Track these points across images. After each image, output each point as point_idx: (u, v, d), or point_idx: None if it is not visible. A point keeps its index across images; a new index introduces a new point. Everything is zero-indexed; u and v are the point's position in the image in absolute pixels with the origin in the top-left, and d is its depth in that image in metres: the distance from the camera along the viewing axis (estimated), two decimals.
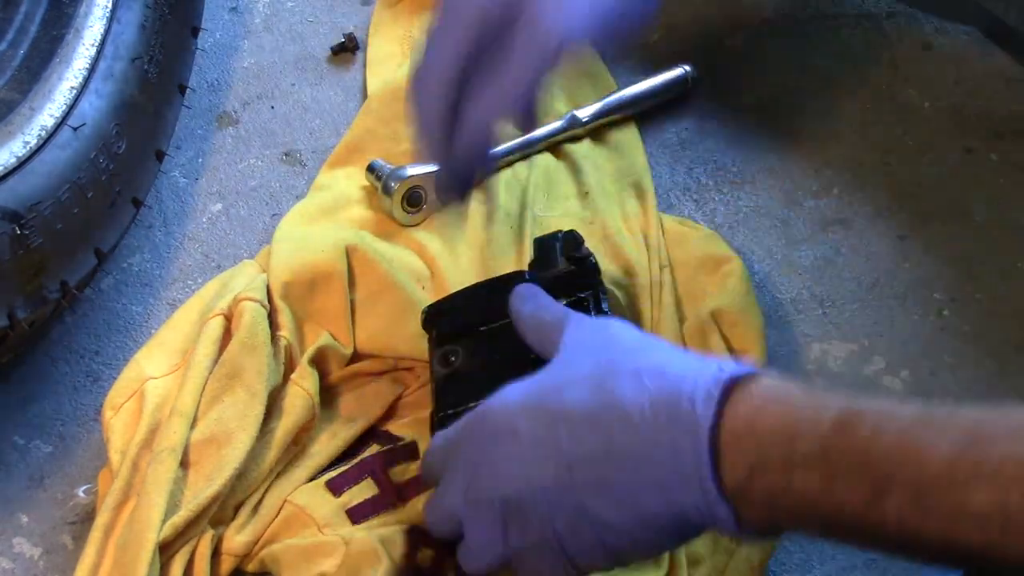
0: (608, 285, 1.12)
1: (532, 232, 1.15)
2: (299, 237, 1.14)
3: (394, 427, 1.06)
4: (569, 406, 0.86)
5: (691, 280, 1.14)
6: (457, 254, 1.15)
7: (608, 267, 1.14)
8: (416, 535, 0.98)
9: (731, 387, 0.82)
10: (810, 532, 0.85)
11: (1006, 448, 0.74)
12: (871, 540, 0.80)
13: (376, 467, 1.03)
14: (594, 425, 0.85)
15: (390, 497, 1.01)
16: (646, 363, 0.86)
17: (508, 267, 1.12)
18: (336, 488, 1.02)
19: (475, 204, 1.18)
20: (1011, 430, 0.75)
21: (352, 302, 1.10)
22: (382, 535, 0.98)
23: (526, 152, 1.22)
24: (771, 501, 0.81)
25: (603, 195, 1.19)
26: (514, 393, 0.88)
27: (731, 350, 1.08)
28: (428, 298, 1.09)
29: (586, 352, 0.89)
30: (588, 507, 0.85)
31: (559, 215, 1.18)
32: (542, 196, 1.19)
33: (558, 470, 0.85)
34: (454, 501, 0.90)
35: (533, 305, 0.98)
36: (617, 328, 0.92)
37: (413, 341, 1.07)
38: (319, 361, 1.07)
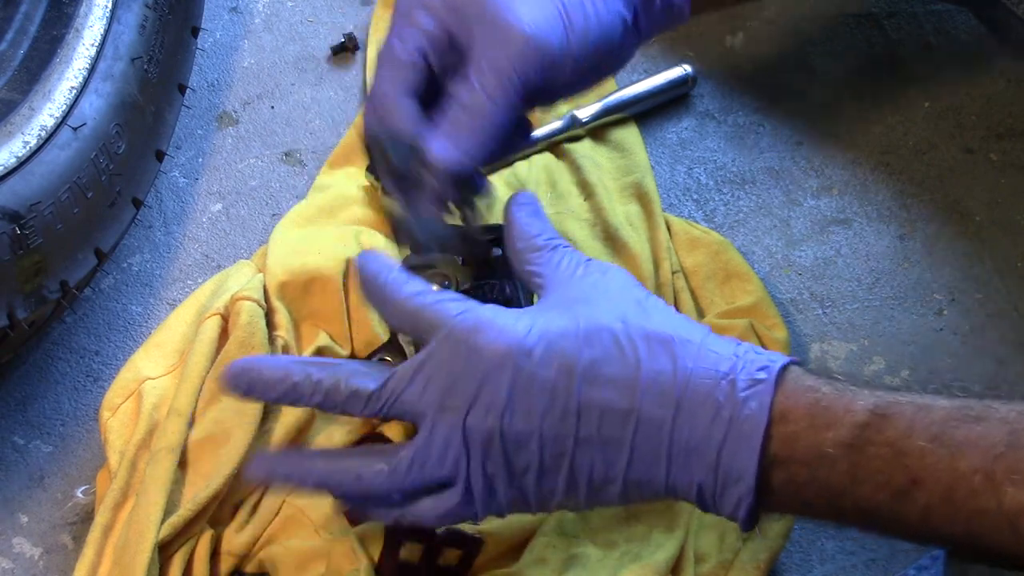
0: None
1: None
2: (296, 238, 1.14)
3: (389, 430, 1.06)
4: (592, 356, 0.82)
5: (701, 288, 1.14)
6: None
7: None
8: (399, 530, 0.98)
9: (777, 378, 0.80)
10: (821, 519, 0.83)
11: None
12: (887, 530, 0.79)
13: None
14: (614, 382, 0.81)
15: None
16: (678, 330, 0.83)
17: None
18: None
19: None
20: None
21: (348, 304, 1.10)
22: (362, 533, 0.98)
23: (526, 152, 1.22)
24: (790, 491, 0.80)
25: (605, 194, 1.19)
26: (524, 324, 0.83)
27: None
28: None
29: (599, 294, 0.85)
30: (578, 458, 0.82)
31: (561, 213, 1.18)
32: (544, 194, 1.19)
33: (565, 416, 0.81)
34: (443, 447, 0.83)
35: (529, 212, 0.93)
36: (622, 279, 0.87)
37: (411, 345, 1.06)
38: None
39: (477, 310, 0.84)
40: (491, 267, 1.02)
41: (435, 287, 1.02)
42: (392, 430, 1.05)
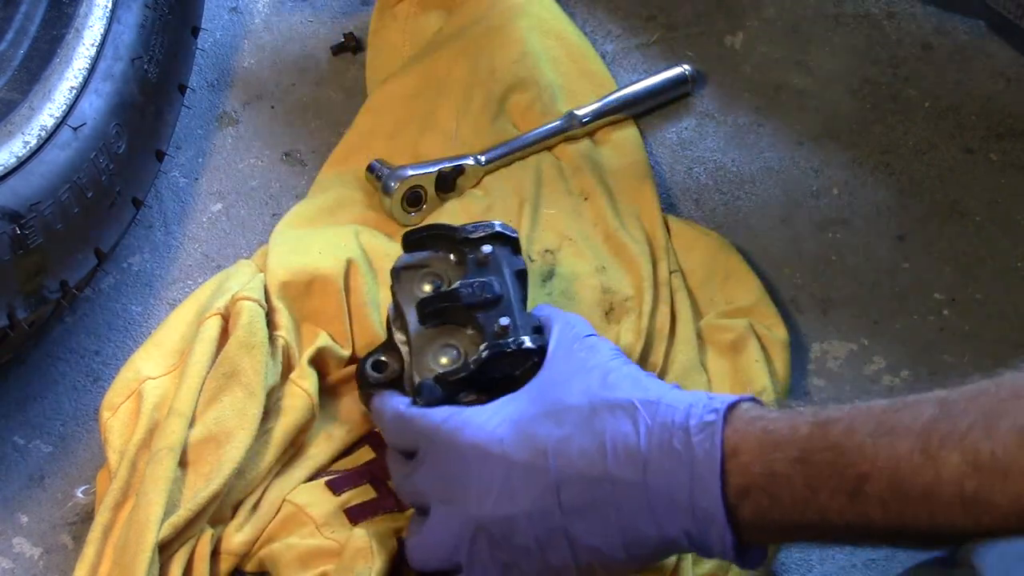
0: (610, 282, 1.12)
1: (531, 227, 1.15)
2: (297, 238, 1.14)
3: None
4: (561, 435, 0.88)
5: (700, 288, 1.14)
6: None
7: (611, 265, 1.14)
8: None
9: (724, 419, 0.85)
10: (804, 541, 0.86)
11: (972, 416, 0.76)
12: (861, 536, 0.82)
13: (376, 474, 1.03)
14: (584, 452, 0.87)
15: (388, 502, 1.01)
16: (637, 394, 0.89)
17: None
18: (336, 487, 1.02)
19: (473, 200, 1.18)
20: (974, 399, 0.77)
21: (348, 304, 1.10)
22: (378, 532, 0.98)
23: (525, 152, 1.22)
24: (761, 519, 0.83)
25: (605, 194, 1.19)
26: (498, 417, 0.91)
27: (762, 347, 1.10)
28: None
29: (573, 374, 0.92)
30: (571, 529, 0.87)
31: (561, 213, 1.18)
32: (544, 193, 1.19)
33: (545, 492, 0.87)
34: (446, 536, 0.91)
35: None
36: (602, 355, 0.94)
37: None
38: (318, 362, 1.07)
39: (458, 414, 0.93)
40: (482, 265, 1.02)
41: (427, 286, 1.02)
42: None
